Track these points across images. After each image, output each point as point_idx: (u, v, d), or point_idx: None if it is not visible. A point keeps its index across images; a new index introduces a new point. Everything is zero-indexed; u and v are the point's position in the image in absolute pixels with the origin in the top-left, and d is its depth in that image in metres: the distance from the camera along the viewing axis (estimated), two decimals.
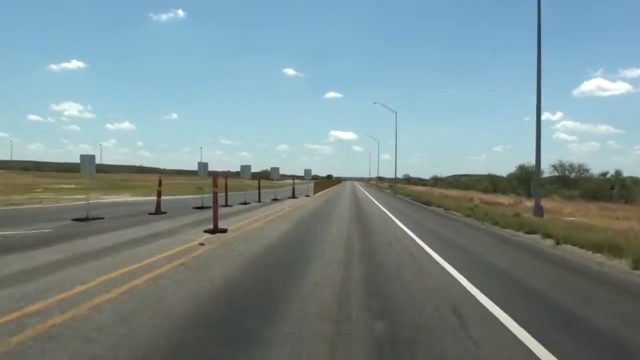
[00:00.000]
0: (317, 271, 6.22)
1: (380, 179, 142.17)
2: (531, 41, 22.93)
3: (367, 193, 40.54)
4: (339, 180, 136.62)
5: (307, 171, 31.44)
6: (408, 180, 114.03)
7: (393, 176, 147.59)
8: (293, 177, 33.68)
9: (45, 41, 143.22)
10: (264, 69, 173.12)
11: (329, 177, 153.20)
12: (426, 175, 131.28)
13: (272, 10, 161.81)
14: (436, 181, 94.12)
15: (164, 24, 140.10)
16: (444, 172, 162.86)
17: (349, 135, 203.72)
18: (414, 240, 9.85)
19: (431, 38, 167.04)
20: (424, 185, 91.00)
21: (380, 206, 22.91)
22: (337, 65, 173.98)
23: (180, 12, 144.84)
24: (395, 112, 64.64)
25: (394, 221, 14.99)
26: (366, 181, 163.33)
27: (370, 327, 3.88)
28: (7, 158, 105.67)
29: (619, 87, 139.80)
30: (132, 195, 26.20)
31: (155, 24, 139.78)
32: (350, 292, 5.10)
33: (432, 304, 4.65)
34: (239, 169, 23.07)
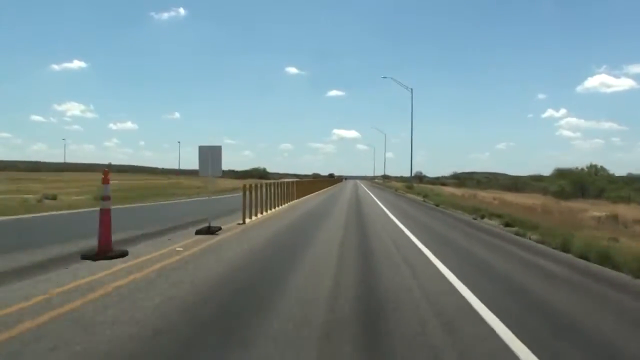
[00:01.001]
0: None
1: (385, 177, 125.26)
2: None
3: (383, 206, 20.72)
4: (339, 179, 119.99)
5: (206, 152, 10.75)
6: (420, 179, 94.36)
7: (399, 174, 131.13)
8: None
9: (45, 41, 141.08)
10: (266, 68, 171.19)
11: (331, 175, 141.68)
12: (429, 173, 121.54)
13: (273, 8, 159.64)
14: (460, 180, 73.96)
15: (165, 23, 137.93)
16: (447, 170, 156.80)
17: (352, 133, 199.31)
18: None
19: (433, 36, 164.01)
20: (443, 184, 70.84)
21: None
22: (339, 64, 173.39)
23: (182, 11, 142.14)
24: (411, 89, 46.41)
25: None
26: (370, 180, 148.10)
27: None
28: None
29: (623, 83, 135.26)
30: None
31: (156, 23, 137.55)
32: None
33: None
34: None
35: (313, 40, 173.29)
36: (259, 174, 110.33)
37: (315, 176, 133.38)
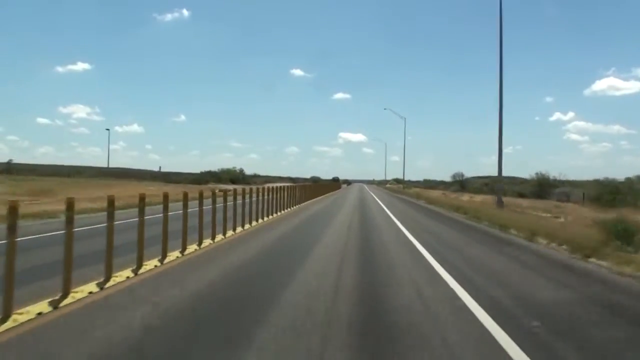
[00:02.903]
0: None
1: (399, 181, 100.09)
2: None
3: None
4: (339, 184, 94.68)
5: None
6: (461, 184, 64.66)
7: (406, 179, 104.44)
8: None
9: (48, 43, 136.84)
10: (272, 70, 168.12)
11: (335, 179, 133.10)
12: (434, 177, 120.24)
13: (279, 10, 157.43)
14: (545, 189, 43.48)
15: (168, 24, 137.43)
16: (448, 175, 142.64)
17: (358, 137, 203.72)
18: None
19: (439, 38, 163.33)
20: (521, 195, 40.50)
21: None
22: (345, 66, 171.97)
23: (185, 12, 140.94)
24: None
25: None
26: (379, 184, 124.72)
27: None
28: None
29: (632, 86, 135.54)
30: None
31: (159, 24, 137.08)
32: None
33: None
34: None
35: (318, 42, 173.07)
36: (231, 176, 79.84)
37: (315, 180, 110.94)
